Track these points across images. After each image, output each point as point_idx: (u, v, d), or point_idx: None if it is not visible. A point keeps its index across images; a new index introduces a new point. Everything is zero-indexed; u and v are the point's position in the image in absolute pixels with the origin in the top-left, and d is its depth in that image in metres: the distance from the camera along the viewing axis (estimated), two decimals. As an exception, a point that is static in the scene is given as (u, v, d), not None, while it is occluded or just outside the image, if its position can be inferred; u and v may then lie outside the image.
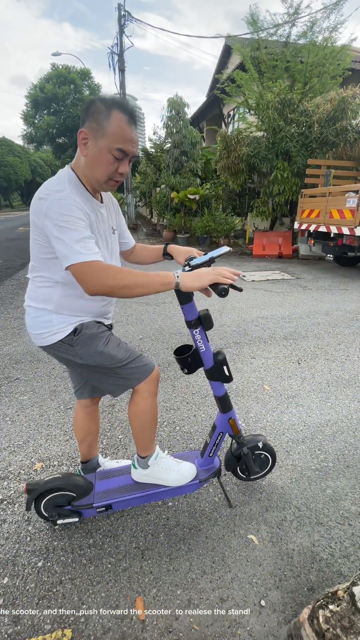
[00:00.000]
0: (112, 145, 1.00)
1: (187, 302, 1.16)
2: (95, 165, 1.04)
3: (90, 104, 1.01)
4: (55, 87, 15.54)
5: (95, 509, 1.35)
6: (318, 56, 8.34)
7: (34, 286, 1.19)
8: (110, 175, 1.06)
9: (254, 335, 3.41)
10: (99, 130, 0.99)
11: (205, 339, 1.25)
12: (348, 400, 2.30)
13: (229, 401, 1.38)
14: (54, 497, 1.33)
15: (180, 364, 1.29)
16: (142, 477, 1.40)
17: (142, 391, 1.26)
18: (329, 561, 1.30)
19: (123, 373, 1.24)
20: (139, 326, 3.63)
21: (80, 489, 1.35)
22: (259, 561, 1.30)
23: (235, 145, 8.09)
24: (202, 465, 1.46)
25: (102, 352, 1.19)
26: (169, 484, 1.38)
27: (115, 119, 0.98)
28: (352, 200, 5.26)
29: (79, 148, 1.05)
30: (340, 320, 3.85)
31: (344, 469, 1.72)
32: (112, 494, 1.37)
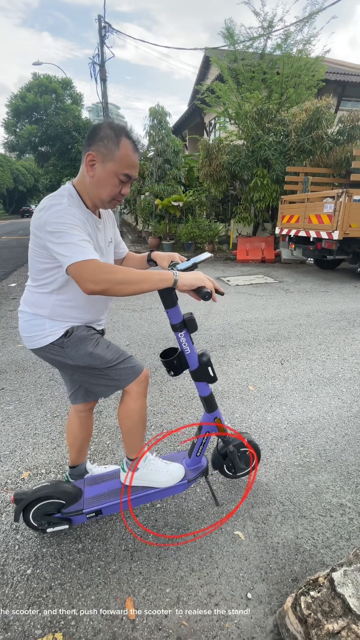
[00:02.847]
0: (120, 170, 1.09)
1: (171, 306, 1.20)
2: (101, 187, 1.11)
3: (98, 128, 1.08)
4: (36, 96, 15.57)
5: (85, 515, 1.35)
6: (293, 68, 8.66)
7: (30, 292, 1.24)
8: (114, 196, 1.14)
9: (238, 338, 3.48)
10: (107, 155, 1.07)
11: (190, 342, 1.29)
12: (329, 398, 2.39)
13: (214, 401, 1.43)
14: (43, 505, 1.33)
15: (166, 367, 1.32)
16: (131, 479, 1.41)
17: (132, 392, 1.30)
18: (311, 552, 1.35)
19: (112, 374, 1.27)
20: (126, 332, 3.65)
21: (69, 496, 1.35)
22: (245, 556, 1.34)
23: (217, 154, 8.28)
24: (190, 465, 1.50)
25: (92, 353, 1.23)
26: (159, 485, 1.41)
27: (124, 145, 1.07)
28: (329, 206, 5.46)
29: (85, 168, 1.11)
30: (321, 321, 3.97)
31: (326, 463, 1.79)
32: (101, 498, 1.38)
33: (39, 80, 16.38)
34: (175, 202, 9.58)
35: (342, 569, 1.03)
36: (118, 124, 1.11)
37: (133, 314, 4.33)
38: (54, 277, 1.16)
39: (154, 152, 10.92)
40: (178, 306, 1.23)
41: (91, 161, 1.09)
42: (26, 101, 15.47)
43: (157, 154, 10.75)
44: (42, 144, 15.93)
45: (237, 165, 7.90)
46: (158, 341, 3.41)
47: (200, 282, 1.11)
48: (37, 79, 16.39)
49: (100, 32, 13.02)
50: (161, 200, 9.93)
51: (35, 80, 16.40)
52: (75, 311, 1.23)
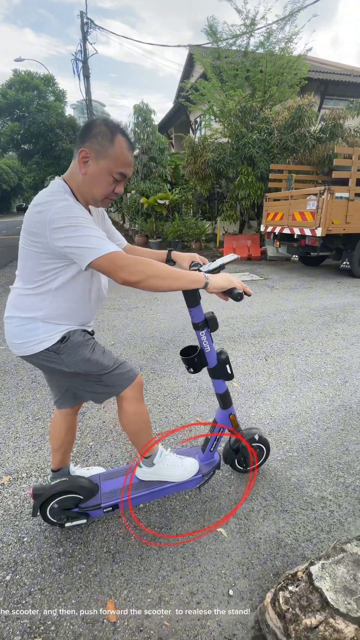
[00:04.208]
0: (114, 169, 1.05)
1: (195, 305, 1.23)
2: (94, 184, 1.07)
3: (92, 125, 1.05)
4: (18, 93, 15.23)
5: (102, 509, 1.37)
6: (276, 66, 8.71)
7: (21, 296, 1.17)
8: (107, 194, 1.10)
9: (224, 335, 3.49)
10: (101, 152, 1.03)
11: (210, 340, 1.31)
12: (311, 392, 2.41)
13: (230, 398, 1.45)
14: (61, 500, 1.34)
15: (186, 364, 1.33)
16: (148, 475, 1.43)
17: (128, 397, 1.29)
18: (293, 546, 1.36)
19: (107, 380, 1.26)
20: (111, 332, 3.61)
21: (86, 491, 1.37)
22: (227, 552, 1.34)
23: (202, 151, 8.27)
24: (204, 460, 1.53)
25: (89, 359, 1.21)
26: (174, 480, 1.43)
27: (119, 143, 1.04)
28: (312, 203, 5.52)
29: (77, 165, 1.07)
30: (304, 317, 4.02)
31: (308, 457, 1.81)
32: (118, 494, 1.40)
33: (20, 77, 16.02)
34: (161, 200, 9.54)
35: (320, 563, 1.04)
36: (113, 121, 1.07)
37: (119, 313, 4.29)
38: (55, 277, 1.11)
39: (139, 150, 10.84)
40: (201, 305, 1.25)
41: (84, 158, 1.05)
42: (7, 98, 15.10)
43: (142, 152, 10.68)
44: (25, 142, 15.63)
45: (222, 162, 7.92)
46: (144, 340, 3.39)
47: (230, 284, 1.13)
48: (18, 76, 16.05)
49: (83, 28, 12.84)
50: (147, 198, 9.87)
51: (16, 77, 16.04)
52: (72, 313, 1.20)
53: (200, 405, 2.28)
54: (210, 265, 1.28)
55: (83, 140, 1.05)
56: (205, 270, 1.22)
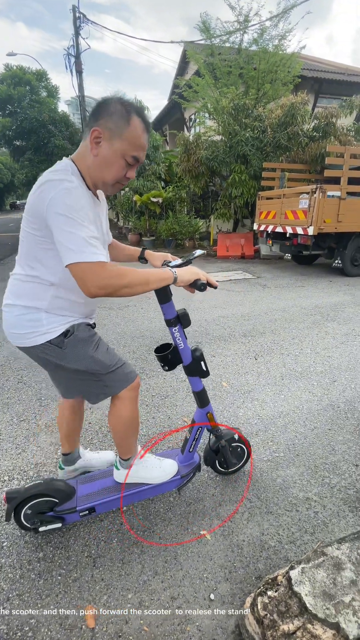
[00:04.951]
0: (128, 152, 0.99)
1: (166, 301, 1.22)
2: (105, 167, 1.01)
3: (107, 102, 0.97)
4: (9, 88, 15.00)
5: (78, 513, 1.34)
6: (269, 63, 8.69)
7: (22, 282, 1.11)
8: (119, 179, 1.04)
9: (214, 334, 3.47)
10: (115, 132, 0.96)
11: (184, 337, 1.30)
12: (300, 392, 2.40)
13: (207, 396, 1.44)
14: (36, 503, 1.31)
15: (160, 362, 1.33)
16: (125, 477, 1.40)
17: (124, 398, 1.27)
18: (276, 548, 1.35)
19: (107, 380, 1.23)
20: (101, 331, 3.57)
21: (62, 494, 1.34)
22: (210, 555, 1.33)
23: (195, 149, 8.22)
24: (183, 461, 1.51)
25: (93, 356, 1.18)
26: (152, 482, 1.41)
27: (135, 124, 0.97)
28: (304, 202, 5.52)
29: (88, 145, 1.00)
30: (295, 315, 4.02)
31: (294, 457, 1.80)
32: (95, 496, 1.38)
33: (12, 71, 15.79)
34: (155, 198, 9.48)
35: (300, 567, 1.03)
36: (129, 100, 1.00)
37: (109, 312, 4.25)
38: (54, 265, 1.04)
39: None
40: (172, 302, 1.24)
41: (96, 138, 0.97)
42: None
43: None
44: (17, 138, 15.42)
45: (215, 160, 7.88)
46: (133, 339, 3.36)
47: (196, 276, 1.14)
48: (10, 71, 15.81)
49: (75, 22, 12.67)
50: (140, 196, 9.80)
51: (8, 71, 15.81)
52: (75, 304, 1.16)
53: (188, 405, 2.26)
54: (177, 261, 1.30)
55: (96, 118, 0.98)
56: (172, 265, 1.22)
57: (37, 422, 2.12)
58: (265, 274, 6.57)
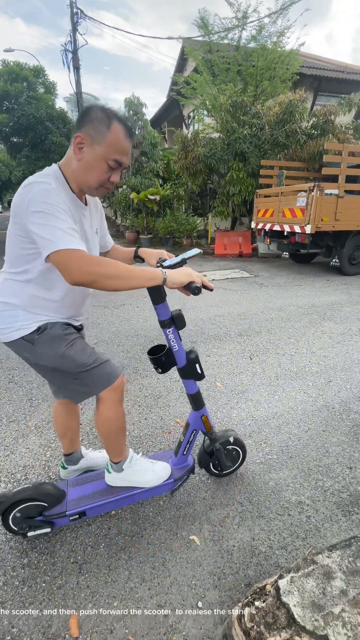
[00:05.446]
0: (109, 156, 1.02)
1: (160, 302, 1.18)
2: (88, 171, 1.04)
3: (89, 110, 1.02)
4: (6, 84, 14.83)
5: (68, 517, 1.31)
6: (268, 60, 8.61)
7: (5, 280, 1.15)
8: (102, 182, 1.07)
9: (210, 334, 3.43)
10: (97, 138, 1.01)
11: (178, 338, 1.26)
12: (295, 392, 2.37)
13: (202, 398, 1.40)
14: (24, 508, 1.27)
15: (154, 364, 1.29)
16: (117, 480, 1.38)
17: (106, 399, 1.24)
18: (267, 554, 1.32)
19: (84, 378, 1.21)
20: (95, 330, 3.53)
21: (52, 498, 1.31)
22: (199, 562, 1.29)
23: (193, 146, 8.16)
24: (177, 464, 1.47)
25: (64, 354, 1.16)
26: (144, 485, 1.38)
27: (115, 129, 1.01)
28: (302, 200, 5.47)
29: (72, 151, 1.04)
30: (292, 315, 3.98)
31: (287, 460, 1.76)
32: (85, 500, 1.35)
33: (9, 67, 15.60)
34: (152, 195, 9.42)
35: (289, 576, 0.99)
36: (111, 107, 1.04)
37: (104, 311, 4.20)
38: (32, 265, 1.08)
39: (130, 144, 10.67)
40: (166, 302, 1.20)
41: (79, 144, 1.02)
42: (-4, 89, 14.77)
43: (133, 146, 10.49)
44: (14, 135, 15.27)
45: (213, 158, 7.82)
46: (128, 338, 3.32)
47: (189, 278, 1.09)
48: (7, 66, 15.64)
49: (73, 18, 12.54)
50: (138, 193, 9.74)
51: (4, 67, 15.63)
52: (52, 304, 1.16)
53: (181, 405, 2.23)
54: (171, 260, 1.24)
55: (79, 125, 1.03)
56: (166, 265, 1.17)
57: (27, 423, 2.08)
58: (263, 272, 6.54)
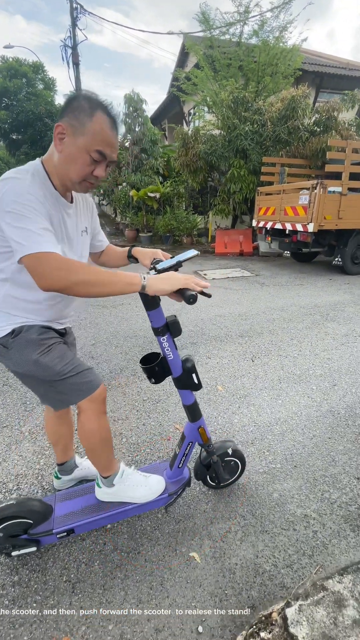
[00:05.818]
0: (91, 146, 0.94)
1: (153, 308, 1.10)
2: (70, 164, 0.97)
3: (72, 99, 0.95)
4: (5, 80, 14.68)
5: (55, 535, 1.23)
6: (270, 55, 8.49)
7: None
8: (85, 176, 0.99)
9: (210, 335, 3.35)
10: (78, 128, 0.93)
11: (173, 347, 1.18)
12: (298, 397, 2.29)
13: (199, 409, 1.32)
14: (7, 526, 1.19)
15: (147, 374, 1.21)
16: (107, 495, 1.30)
17: (86, 410, 1.15)
18: (271, 573, 1.24)
19: (60, 387, 1.13)
20: (93, 330, 3.45)
21: (37, 515, 1.23)
22: (199, 581, 1.22)
23: (193, 143, 8.05)
24: (172, 477, 1.39)
25: (37, 361, 1.08)
26: (137, 501, 1.30)
27: (98, 119, 0.93)
28: (304, 198, 5.38)
29: (54, 142, 0.97)
30: (294, 315, 3.90)
31: (292, 469, 1.69)
32: (74, 516, 1.27)
33: (8, 63, 15.45)
34: (152, 193, 9.31)
35: (297, 604, 0.92)
36: (96, 97, 0.96)
37: (103, 311, 4.12)
38: (7, 264, 1.02)
39: (129, 141, 10.55)
40: (160, 308, 1.11)
41: (60, 134, 0.94)
42: (-5, 85, 14.63)
43: (133, 143, 10.39)
44: (13, 131, 15.17)
45: (213, 155, 7.72)
46: (126, 339, 3.24)
47: (176, 284, 0.98)
48: (5, 63, 15.48)
49: (72, 12, 12.38)
50: (137, 191, 9.63)
51: (4, 63, 15.48)
52: (31, 306, 1.09)
53: (180, 410, 2.15)
54: (166, 262, 1.13)
55: (61, 115, 0.95)
56: (159, 268, 1.08)
57: (21, 428, 2.00)
58: (264, 271, 6.45)
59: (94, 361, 2.80)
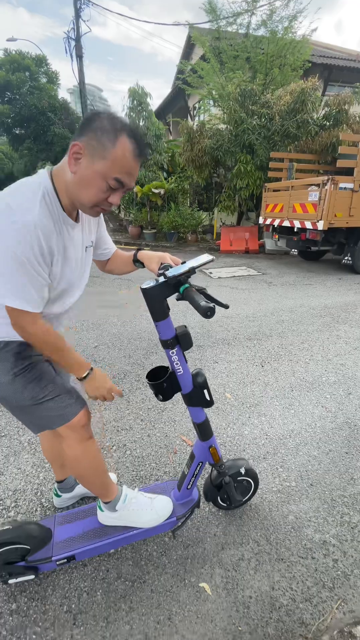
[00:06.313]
0: (110, 173, 0.85)
1: (162, 318, 1.00)
2: (83, 187, 0.87)
3: (95, 117, 0.85)
4: (8, 73, 14.46)
5: (55, 562, 1.14)
6: (278, 46, 8.26)
7: None
8: (98, 202, 0.90)
9: (217, 337, 3.24)
10: (98, 151, 0.83)
11: (184, 360, 1.08)
12: (312, 406, 2.18)
13: (210, 428, 1.21)
14: (3, 552, 1.10)
15: (154, 390, 1.11)
16: (110, 520, 1.22)
17: (66, 437, 1.06)
18: (289, 608, 1.14)
19: (33, 412, 1.04)
20: (95, 332, 3.35)
21: (35, 540, 1.14)
22: (210, 616, 1.12)
23: (199, 138, 7.88)
24: (180, 498, 1.30)
25: (8, 384, 0.99)
26: (142, 526, 1.21)
27: (122, 144, 0.84)
28: (314, 194, 5.22)
29: (67, 160, 0.87)
30: (304, 317, 3.77)
31: (307, 488, 1.58)
32: (74, 542, 1.18)
33: (11, 56, 15.22)
34: (156, 189, 9.16)
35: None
36: (122, 118, 0.86)
37: (106, 311, 4.02)
38: None
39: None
40: (170, 319, 1.01)
41: (76, 154, 0.84)
42: (-2, 79, 14.39)
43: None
44: (16, 126, 14.99)
45: (219, 150, 7.54)
46: (130, 342, 3.13)
47: (101, 396, 1.08)
48: (8, 56, 15.25)
49: (76, 4, 12.17)
50: (141, 187, 9.48)
51: (6, 56, 15.25)
52: None
53: (187, 421, 2.05)
54: (177, 269, 1.00)
55: (80, 132, 0.85)
56: (170, 275, 0.96)
57: (20, 438, 1.91)
58: (271, 270, 6.31)
59: (96, 365, 2.70)
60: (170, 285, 0.97)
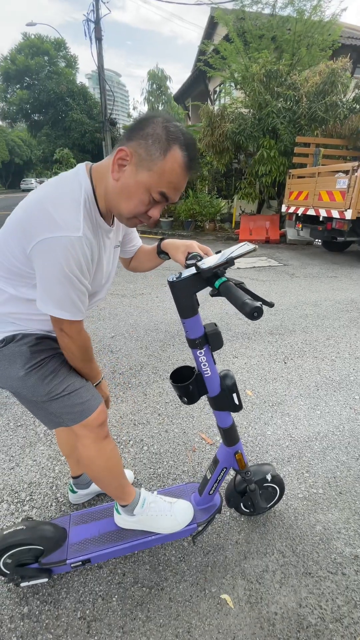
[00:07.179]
0: (156, 187, 0.78)
1: (190, 315, 0.90)
2: (124, 197, 0.81)
3: (148, 121, 0.77)
4: (27, 58, 14.33)
5: (69, 565, 1.10)
6: (306, 25, 7.79)
7: None
8: (137, 214, 0.84)
9: (237, 331, 3.12)
10: (146, 160, 0.76)
11: (212, 361, 0.99)
12: (339, 407, 2.05)
13: (237, 433, 1.13)
14: (17, 553, 1.06)
15: (178, 392, 1.02)
16: (128, 523, 1.16)
17: (80, 436, 1.00)
18: (318, 627, 1.05)
19: (50, 408, 0.98)
20: (112, 322, 3.29)
21: (50, 542, 1.09)
22: (233, 632, 1.04)
23: (220, 122, 7.59)
24: (201, 503, 1.23)
25: (22, 378, 0.92)
26: (161, 532, 1.15)
27: (173, 156, 0.76)
28: (342, 182, 4.94)
29: (111, 165, 0.80)
30: (329, 311, 3.59)
31: (336, 496, 1.47)
32: (90, 544, 1.13)
33: (29, 41, 15.04)
34: (175, 176, 8.93)
35: None
36: (178, 127, 0.78)
37: (122, 300, 3.95)
38: (21, 285, 0.87)
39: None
40: (199, 316, 0.91)
41: (121, 159, 0.77)
42: (16, 64, 14.13)
43: None
44: (35, 112, 14.92)
45: (241, 134, 7.24)
46: (147, 332, 3.06)
47: None
48: (27, 40, 15.08)
49: (96, -16, 11.84)
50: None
51: (26, 41, 15.08)
52: (33, 316, 0.93)
53: (206, 417, 1.96)
54: (211, 259, 0.86)
55: (129, 136, 0.78)
56: (204, 267, 0.84)
57: (36, 429, 1.87)
58: (293, 261, 6.07)
59: (113, 355, 2.64)
60: (203, 278, 0.86)
